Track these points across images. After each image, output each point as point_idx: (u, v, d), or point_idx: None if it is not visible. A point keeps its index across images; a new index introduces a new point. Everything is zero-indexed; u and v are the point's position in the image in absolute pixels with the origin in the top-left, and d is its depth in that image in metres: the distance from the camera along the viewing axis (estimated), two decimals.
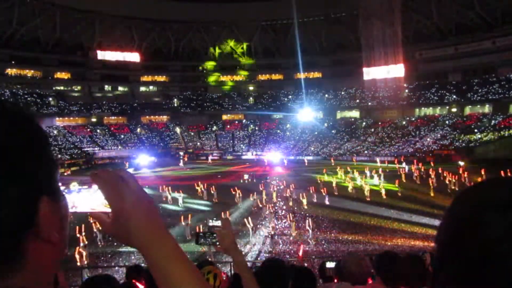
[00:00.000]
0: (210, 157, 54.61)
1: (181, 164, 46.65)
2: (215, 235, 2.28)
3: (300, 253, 15.02)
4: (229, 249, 2.24)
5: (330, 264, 5.14)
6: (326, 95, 70.14)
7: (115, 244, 16.18)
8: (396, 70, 61.85)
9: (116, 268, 13.44)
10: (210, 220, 2.98)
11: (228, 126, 69.39)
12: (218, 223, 2.94)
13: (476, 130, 49.67)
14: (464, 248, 0.55)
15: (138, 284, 3.93)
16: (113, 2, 59.34)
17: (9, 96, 56.27)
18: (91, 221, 14.89)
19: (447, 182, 27.75)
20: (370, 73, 63.71)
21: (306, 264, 12.50)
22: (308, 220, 18.71)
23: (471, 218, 0.56)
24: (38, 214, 0.56)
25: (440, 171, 31.50)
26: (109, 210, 0.73)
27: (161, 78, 73.30)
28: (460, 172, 30.25)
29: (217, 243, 2.22)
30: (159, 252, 0.71)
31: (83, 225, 15.90)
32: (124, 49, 68.17)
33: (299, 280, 3.31)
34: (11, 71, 60.39)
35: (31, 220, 0.55)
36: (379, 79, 63.11)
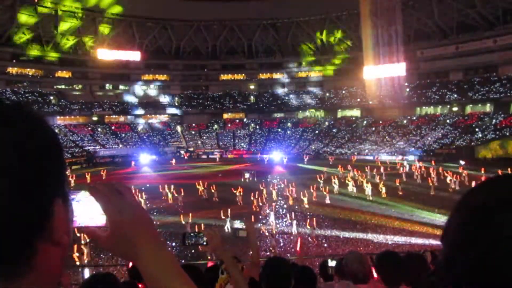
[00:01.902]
0: (218, 156, 55.08)
1: (173, 162, 47.02)
2: (201, 234, 2.31)
3: (298, 247, 15.02)
4: (217, 249, 2.30)
5: (331, 263, 5.13)
6: (327, 94, 70.11)
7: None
8: (397, 69, 61.72)
9: (118, 266, 13.44)
10: (235, 223, 3.09)
11: (229, 125, 69.43)
12: (241, 225, 3.06)
13: (477, 129, 49.63)
14: (475, 249, 0.54)
15: (139, 283, 3.94)
16: (114, 0, 59.34)
17: (10, 95, 56.33)
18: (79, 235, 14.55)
19: (447, 181, 27.74)
20: (371, 72, 63.59)
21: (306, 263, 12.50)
22: (308, 219, 18.72)
23: (482, 218, 0.55)
24: (52, 216, 0.57)
25: (440, 170, 31.53)
26: (103, 221, 0.73)
27: (162, 77, 73.30)
28: (461, 171, 30.25)
29: (205, 244, 2.26)
30: (155, 265, 0.72)
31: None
32: (125, 47, 68.17)
33: (300, 279, 3.32)
34: (12, 70, 60.47)
35: (44, 222, 0.56)
36: (380, 78, 63.02)
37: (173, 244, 16.37)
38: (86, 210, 0.73)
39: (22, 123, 0.56)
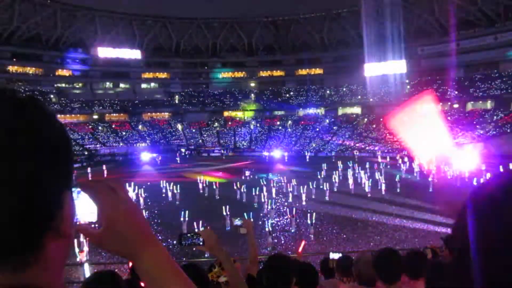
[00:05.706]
0: (225, 153, 55.44)
1: (178, 160, 47.35)
2: (197, 234, 2.35)
3: (300, 249, 15.06)
4: (213, 249, 2.35)
5: (333, 255, 5.15)
6: (328, 92, 70.02)
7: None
8: (398, 66, 61.61)
9: (119, 264, 13.46)
10: (235, 220, 3.08)
11: (230, 123, 69.41)
12: (240, 222, 3.07)
13: (478, 126, 49.55)
14: (486, 245, 0.53)
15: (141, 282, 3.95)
16: None
17: None
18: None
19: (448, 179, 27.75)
20: (372, 69, 63.46)
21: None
22: (308, 216, 18.73)
23: (491, 214, 0.53)
24: (62, 207, 0.58)
25: (441, 168, 31.51)
26: (94, 218, 0.73)
27: (162, 75, 73.26)
28: (461, 168, 30.25)
29: (201, 244, 2.31)
30: (150, 261, 0.71)
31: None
32: (125, 45, 68.09)
33: (301, 276, 3.33)
34: (12, 68, 60.44)
35: (56, 212, 0.57)
36: (380, 75, 62.90)
37: (174, 242, 16.40)
38: (85, 205, 0.73)
39: (36, 115, 0.58)
